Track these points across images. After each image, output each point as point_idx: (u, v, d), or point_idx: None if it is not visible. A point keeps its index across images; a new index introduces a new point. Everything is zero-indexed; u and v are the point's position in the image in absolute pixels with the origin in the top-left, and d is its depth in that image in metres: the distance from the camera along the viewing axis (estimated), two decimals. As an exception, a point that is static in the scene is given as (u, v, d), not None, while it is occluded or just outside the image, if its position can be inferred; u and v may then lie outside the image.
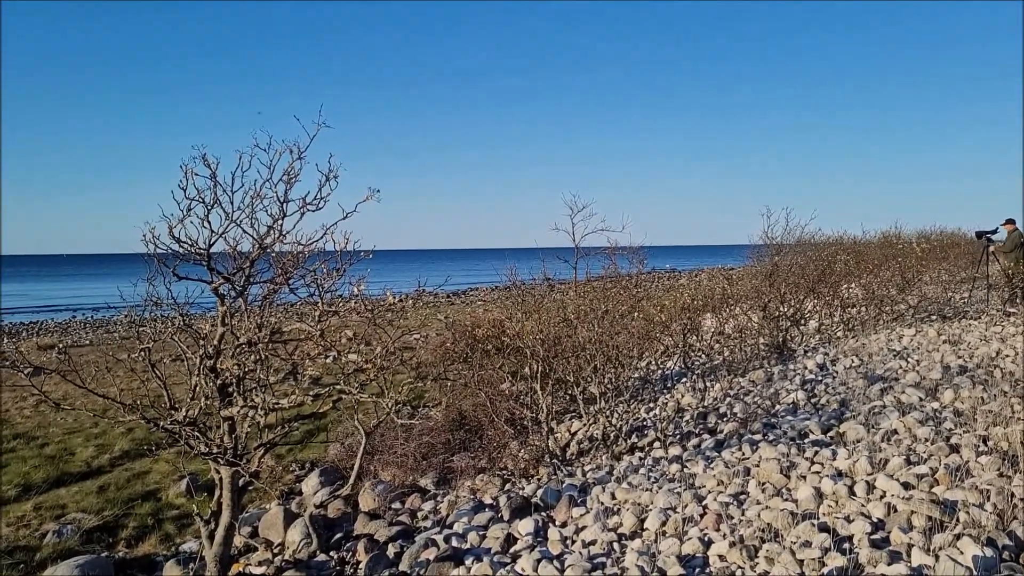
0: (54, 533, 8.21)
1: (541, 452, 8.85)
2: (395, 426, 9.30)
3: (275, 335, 5.59)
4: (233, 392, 5.72)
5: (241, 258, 5.63)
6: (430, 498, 8.43)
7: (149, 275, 5.59)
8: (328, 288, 5.53)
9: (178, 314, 5.67)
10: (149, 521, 8.70)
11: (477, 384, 9.86)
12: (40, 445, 11.89)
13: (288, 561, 6.83)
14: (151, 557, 7.80)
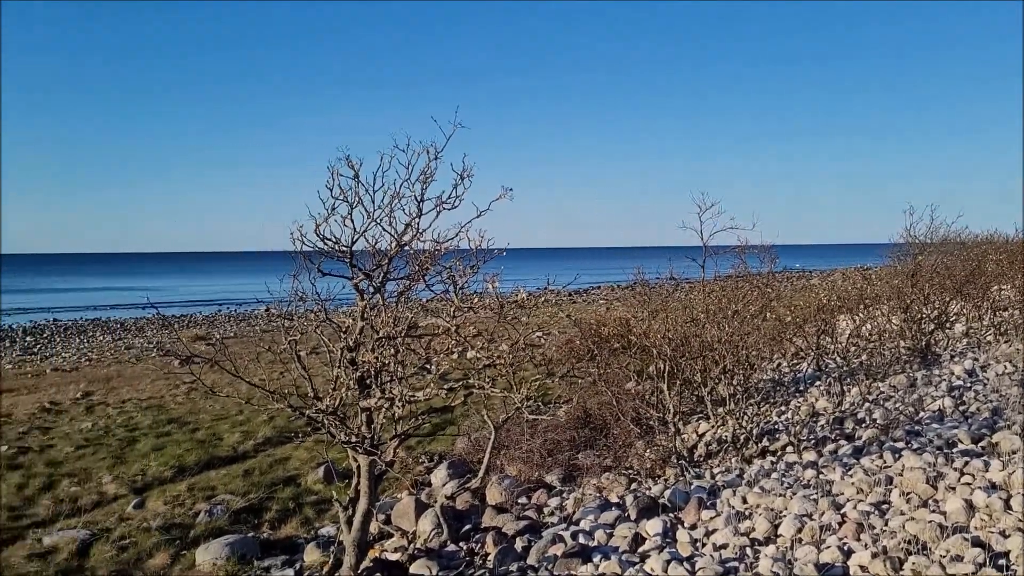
0: (206, 513, 8.78)
1: (668, 453, 8.75)
2: (521, 422, 9.42)
3: (411, 330, 5.78)
4: (371, 384, 5.95)
5: (380, 255, 5.86)
6: (556, 494, 8.50)
7: (295, 271, 5.90)
8: (462, 285, 5.68)
9: (321, 308, 5.95)
10: (290, 505, 9.16)
11: (605, 383, 9.85)
12: (192, 430, 12.73)
13: (420, 549, 7.05)
14: (293, 539, 8.22)
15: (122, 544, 8.03)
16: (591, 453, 9.34)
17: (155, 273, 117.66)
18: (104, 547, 7.96)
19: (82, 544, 8.00)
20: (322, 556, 7.35)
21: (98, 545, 8.03)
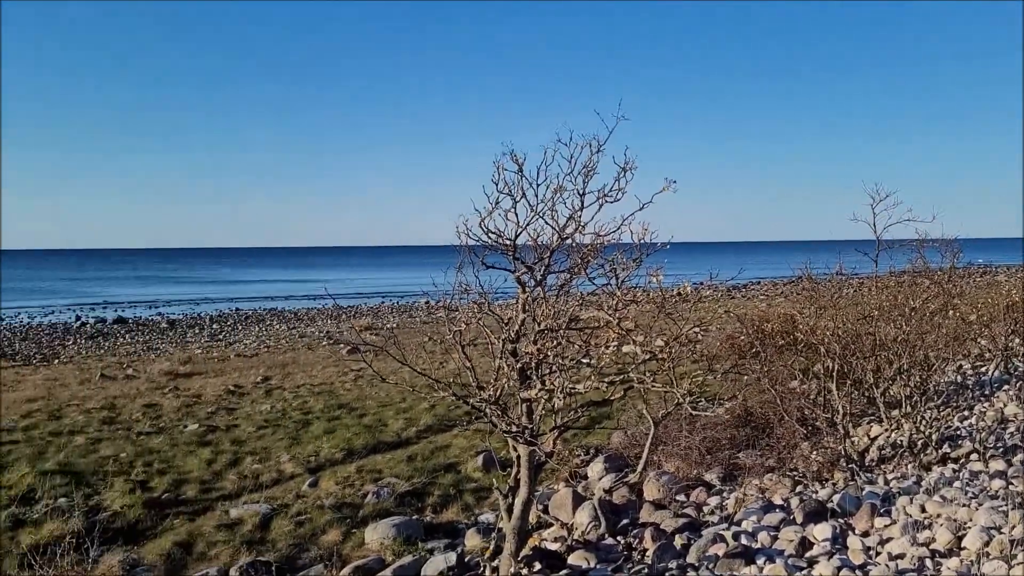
0: (373, 494, 9.22)
1: (836, 456, 8.36)
2: (679, 418, 9.28)
3: (572, 322, 5.82)
4: (531, 375, 6.04)
5: (541, 249, 5.93)
6: (715, 493, 8.32)
7: (459, 263, 6.08)
8: (624, 277, 5.66)
9: (484, 300, 6.11)
10: (451, 491, 9.46)
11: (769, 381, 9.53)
12: (359, 415, 13.39)
13: (578, 541, 7.09)
14: (454, 524, 8.49)
15: (299, 520, 8.57)
16: (753, 453, 9.07)
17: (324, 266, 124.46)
18: (283, 522, 8.53)
19: (264, 518, 8.61)
20: (482, 542, 7.55)
21: (278, 519, 8.61)
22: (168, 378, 17.69)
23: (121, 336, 29.63)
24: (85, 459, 10.88)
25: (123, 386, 16.81)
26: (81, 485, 9.75)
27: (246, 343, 26.28)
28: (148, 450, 11.36)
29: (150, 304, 49.00)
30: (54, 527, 8.25)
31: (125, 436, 12.18)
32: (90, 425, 12.86)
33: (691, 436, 9.23)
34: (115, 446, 11.55)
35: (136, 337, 29.13)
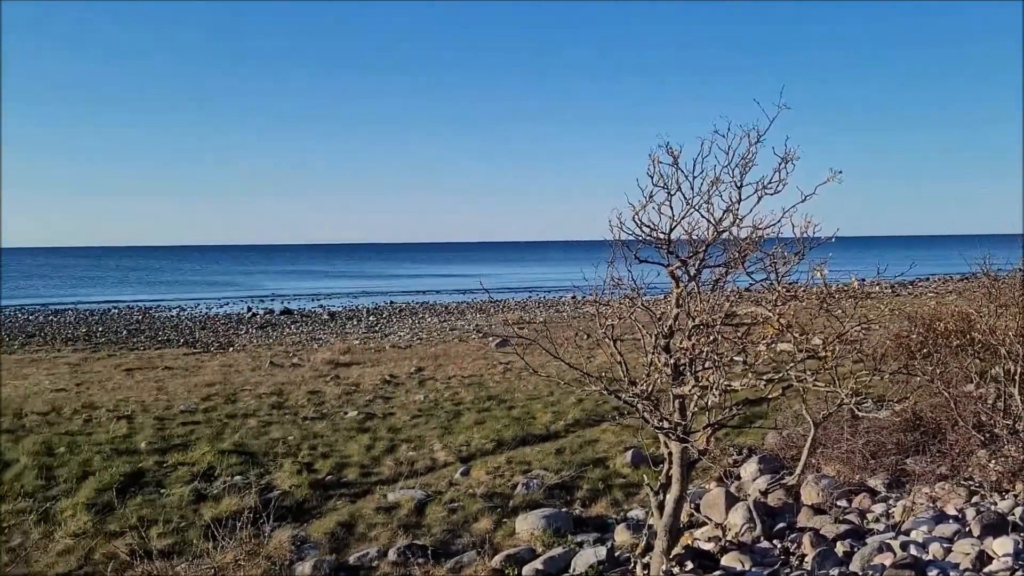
0: (523, 485, 9.36)
1: (1018, 465, 7.72)
2: (840, 420, 8.86)
3: (728, 318, 5.68)
4: (685, 372, 5.95)
5: (696, 242, 5.82)
6: (881, 500, 7.88)
7: (611, 258, 6.06)
8: (785, 272, 5.46)
9: (636, 294, 6.06)
10: (599, 485, 9.46)
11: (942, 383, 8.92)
12: (508, 407, 13.62)
13: (732, 542, 6.92)
14: (603, 518, 8.49)
15: (452, 507, 8.83)
16: (922, 459, 8.52)
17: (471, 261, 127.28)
18: (437, 508, 8.82)
19: (419, 503, 8.93)
20: (632, 538, 7.51)
21: (432, 505, 8.91)
22: (329, 367, 18.65)
23: (287, 326, 31.51)
24: (257, 440, 11.66)
25: (290, 373, 17.87)
26: (254, 465, 10.46)
27: (400, 335, 27.30)
28: (313, 434, 12.03)
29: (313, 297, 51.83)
30: (231, 502, 8.90)
31: (292, 420, 12.95)
32: (261, 409, 13.76)
33: (853, 439, 8.78)
34: (283, 429, 12.30)
35: (300, 328, 30.89)
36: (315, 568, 7.26)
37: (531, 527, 7.97)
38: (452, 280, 70.85)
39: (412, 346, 23.65)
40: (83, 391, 15.75)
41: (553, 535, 7.79)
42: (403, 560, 7.40)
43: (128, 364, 20.21)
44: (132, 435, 11.85)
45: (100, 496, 9.20)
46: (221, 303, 46.87)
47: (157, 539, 8.00)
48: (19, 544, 8.08)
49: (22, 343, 26.33)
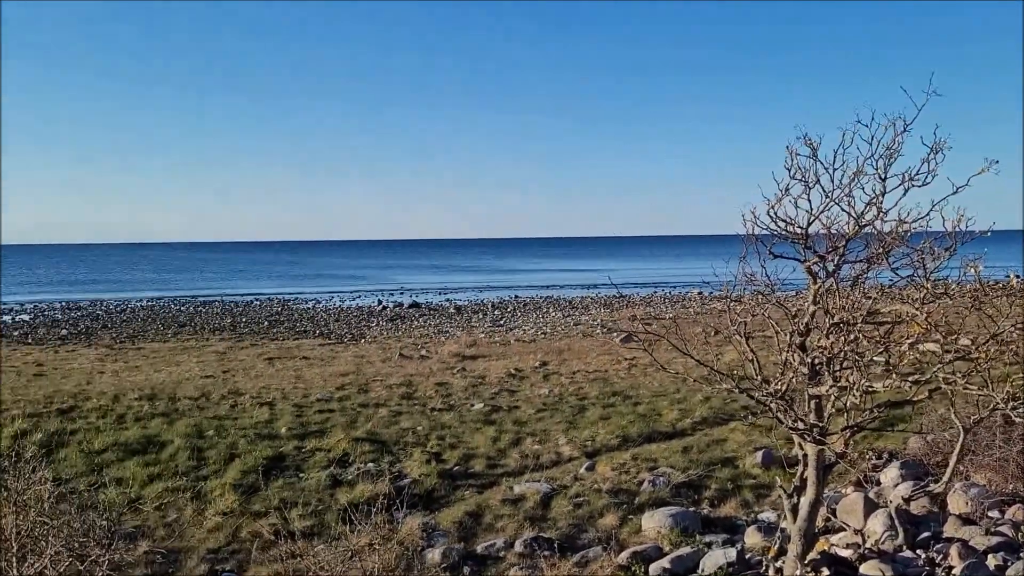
0: (649, 482, 9.27)
1: None
2: (992, 425, 8.30)
3: (870, 316, 5.43)
4: (822, 371, 5.73)
5: (836, 237, 5.59)
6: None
7: (743, 253, 5.90)
8: (934, 269, 5.17)
9: (770, 291, 5.89)
10: (728, 486, 9.25)
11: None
12: (634, 404, 13.51)
13: (871, 550, 6.62)
14: (732, 519, 8.30)
15: (577, 501, 8.85)
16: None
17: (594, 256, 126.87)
18: (562, 501, 8.86)
19: (544, 496, 9.00)
20: (764, 540, 7.31)
21: (557, 499, 8.96)
22: (456, 359, 19.05)
23: (415, 319, 32.37)
24: (388, 430, 12.05)
25: (418, 365, 18.37)
26: (386, 453, 10.83)
27: (524, 329, 27.54)
28: (441, 425, 12.33)
29: (440, 291, 53.04)
30: (365, 488, 9.24)
31: (421, 411, 13.31)
32: (391, 399, 14.21)
33: (1007, 447, 8.22)
34: (413, 419, 12.66)
35: (428, 321, 31.67)
36: (444, 556, 7.45)
37: (658, 525, 7.89)
38: (576, 275, 70.86)
39: (536, 340, 23.81)
40: (229, 378, 16.73)
41: (680, 534, 7.68)
42: (529, 552, 7.49)
43: (269, 353, 21.30)
44: (273, 421, 12.49)
45: (245, 478, 9.76)
46: (353, 296, 48.66)
47: (297, 520, 8.42)
48: (174, 520, 8.68)
49: (175, 332, 28.21)
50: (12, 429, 11.44)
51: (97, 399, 13.70)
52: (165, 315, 35.43)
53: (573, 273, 75.19)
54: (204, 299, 46.63)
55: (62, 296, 51.04)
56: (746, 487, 9.24)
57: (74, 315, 36.12)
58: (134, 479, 9.77)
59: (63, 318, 34.49)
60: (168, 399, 13.93)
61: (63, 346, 24.10)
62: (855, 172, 5.33)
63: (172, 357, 20.78)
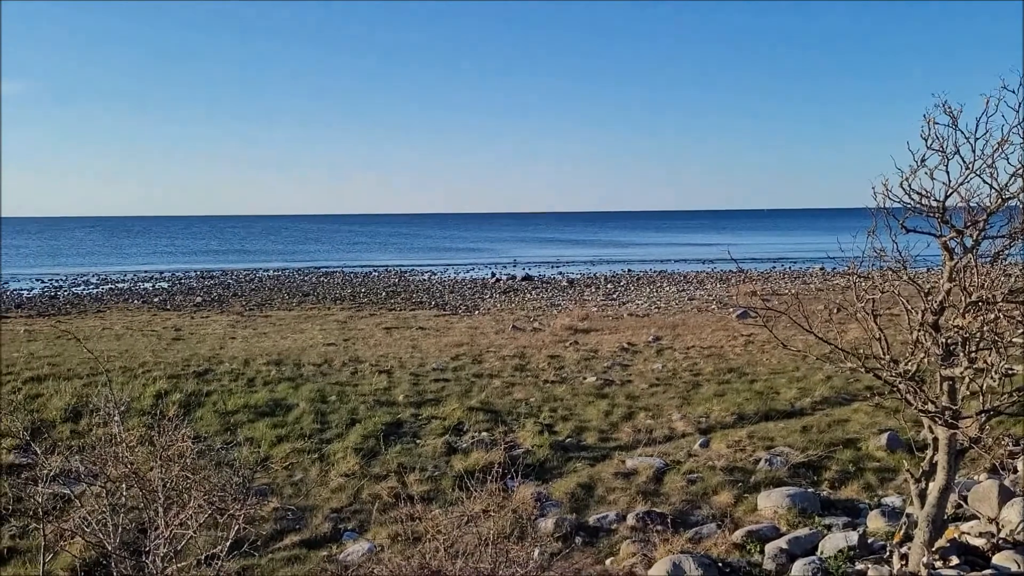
0: (765, 461, 9.08)
1: None
2: None
3: (1012, 294, 5.10)
4: (957, 352, 5.44)
5: (975, 211, 5.27)
6: None
7: (872, 227, 5.65)
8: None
9: (901, 267, 5.61)
10: (850, 467, 8.95)
11: None
12: (750, 381, 13.20)
13: (1005, 540, 6.28)
14: (854, 502, 8.04)
15: (690, 477, 8.77)
16: None
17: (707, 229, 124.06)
18: (675, 477, 8.80)
19: (657, 471, 8.96)
20: (887, 525, 7.05)
21: (670, 474, 8.90)
22: (568, 332, 19.09)
23: (528, 292, 32.60)
24: (501, 400, 12.25)
25: (531, 337, 18.53)
26: (499, 423, 11.02)
27: (638, 303, 27.29)
28: (553, 397, 12.42)
29: (552, 264, 53.15)
30: (479, 456, 9.46)
31: (533, 383, 13.44)
32: (504, 370, 14.40)
33: None
34: (525, 391, 12.81)
35: (540, 293, 31.83)
36: (557, 525, 7.55)
37: (774, 505, 7.73)
38: (691, 249, 69.49)
39: (649, 315, 23.57)
40: (349, 346, 17.36)
41: (798, 515, 7.50)
42: (642, 526, 7.49)
43: (387, 323, 21.96)
44: (391, 388, 12.90)
45: (365, 442, 10.15)
46: (467, 268, 49.42)
47: (415, 484, 8.72)
48: (300, 479, 9.14)
49: (299, 301, 29.45)
50: (154, 389, 12.27)
51: (229, 363, 14.49)
52: (290, 285, 37.02)
53: (688, 247, 73.77)
54: (326, 270, 48.43)
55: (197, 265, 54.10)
56: (869, 470, 8.92)
57: (207, 283, 38.25)
58: (263, 440, 10.32)
59: (198, 286, 36.57)
60: (293, 365, 14.59)
61: (198, 312, 25.59)
62: (1000, 141, 4.99)
63: (296, 325, 21.72)
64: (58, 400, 11.57)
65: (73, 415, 11.13)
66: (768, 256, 55.00)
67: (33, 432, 10.11)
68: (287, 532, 7.88)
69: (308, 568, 7.00)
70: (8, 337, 18.97)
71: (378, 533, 7.72)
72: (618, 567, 6.86)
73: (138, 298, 31.14)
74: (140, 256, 68.83)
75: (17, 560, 7.24)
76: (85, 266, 54.39)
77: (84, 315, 25.37)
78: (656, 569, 6.48)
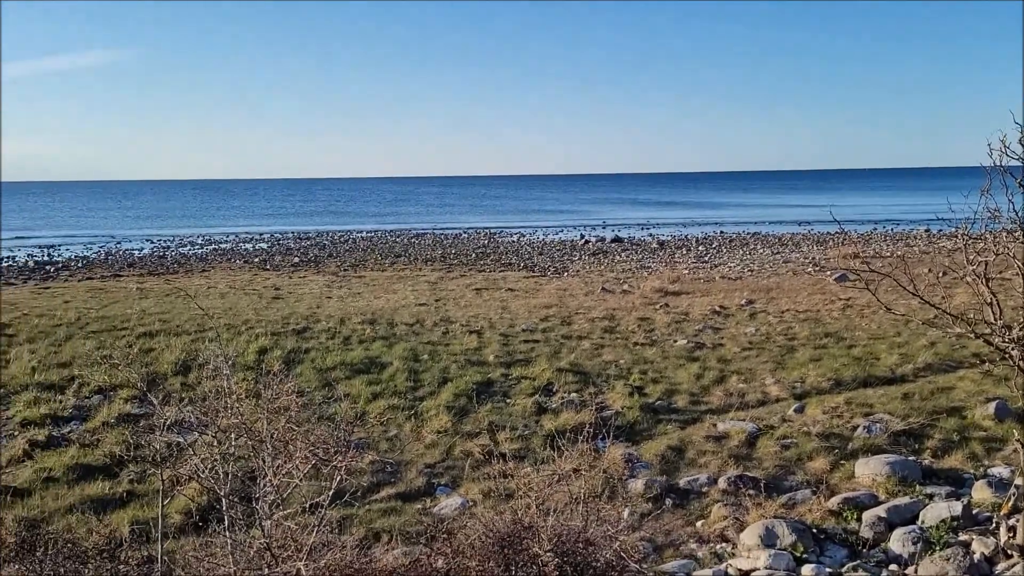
0: (863, 428, 8.84)
1: None
2: None
3: None
4: (1076, 318, 5.15)
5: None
6: None
7: (986, 186, 5.38)
8: None
9: (1018, 228, 5.33)
10: (954, 437, 8.63)
11: None
12: (848, 346, 12.82)
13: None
14: (958, 472, 7.77)
15: (784, 443, 8.63)
16: None
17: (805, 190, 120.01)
18: (768, 442, 8.67)
19: (750, 436, 8.85)
20: (994, 496, 6.79)
21: (763, 439, 8.78)
22: (659, 295, 18.90)
23: (617, 254, 32.35)
24: (591, 362, 12.27)
25: (620, 300, 18.43)
26: (588, 384, 11.06)
27: (730, 266, 26.75)
28: (643, 359, 12.37)
29: (642, 226, 52.50)
30: (569, 417, 9.53)
31: (623, 345, 13.40)
32: (594, 332, 14.40)
33: None
34: (615, 353, 12.79)
35: (630, 255, 31.55)
36: (647, 486, 7.57)
37: (873, 472, 7.54)
38: (786, 211, 67.42)
39: (742, 277, 23.08)
40: (440, 306, 17.65)
41: (898, 483, 7.30)
42: (733, 489, 7.44)
43: (476, 284, 22.21)
44: (481, 348, 13.08)
45: (457, 400, 10.35)
46: (556, 230, 49.33)
47: (505, 443, 8.87)
48: (395, 435, 9.42)
49: (391, 262, 30.05)
50: (256, 345, 12.79)
51: (326, 322, 14.96)
52: (382, 246, 37.77)
53: (784, 208, 71.60)
54: (417, 231, 49.17)
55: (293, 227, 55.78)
56: (975, 439, 8.58)
57: (304, 244, 39.41)
58: (359, 396, 10.65)
59: (295, 247, 37.72)
60: (387, 324, 14.95)
61: (295, 272, 26.43)
62: None
63: (389, 285, 22.21)
64: (169, 354, 12.21)
65: (183, 369, 11.73)
66: (869, 217, 52.88)
67: (148, 384, 10.72)
68: (383, 485, 8.15)
69: (404, 520, 7.24)
70: (122, 294, 20.07)
71: (470, 489, 7.90)
72: (709, 530, 6.85)
73: (240, 258, 32.37)
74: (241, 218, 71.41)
75: (136, 503, 7.73)
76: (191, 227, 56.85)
77: (191, 274, 26.55)
78: (748, 533, 6.44)
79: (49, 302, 18.59)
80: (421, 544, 5.91)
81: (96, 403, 10.50)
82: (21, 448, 8.97)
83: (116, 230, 54.73)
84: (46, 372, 11.53)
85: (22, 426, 9.68)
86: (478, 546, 4.75)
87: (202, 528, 5.57)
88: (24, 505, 7.72)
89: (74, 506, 7.66)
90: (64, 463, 8.53)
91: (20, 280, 25.59)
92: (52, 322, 15.04)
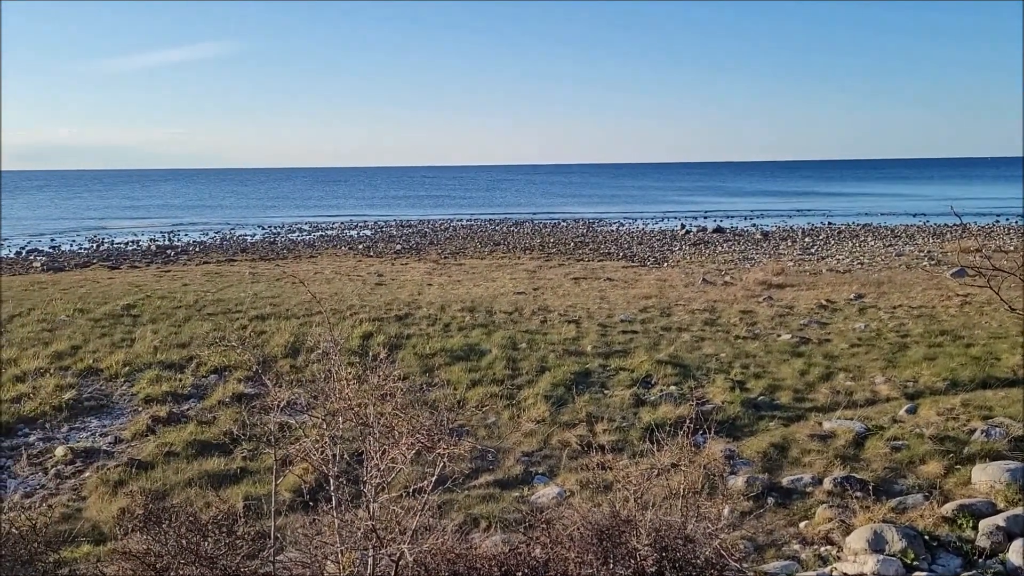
0: (982, 432, 8.40)
1: None
2: None
3: None
4: None
5: None
6: None
7: None
8: None
9: None
10: (1083, 445, 8.10)
11: None
12: (965, 345, 12.19)
13: None
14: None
15: (894, 444, 8.29)
16: None
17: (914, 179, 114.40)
18: (878, 443, 8.35)
19: (857, 436, 8.54)
20: None
21: (872, 440, 8.46)
22: (762, 287, 18.42)
23: (719, 244, 31.72)
24: (690, 354, 12.09)
25: (721, 291, 18.07)
26: (688, 377, 10.91)
27: (838, 258, 25.83)
28: (744, 353, 12.10)
29: (746, 216, 51.25)
30: (668, 410, 9.43)
31: (724, 338, 13.15)
32: (694, 324, 14.18)
33: None
34: (715, 346, 12.56)
35: (732, 246, 30.88)
36: (748, 484, 7.42)
37: (991, 479, 7.16)
38: (900, 201, 64.51)
39: (851, 271, 22.24)
40: (538, 295, 17.73)
41: (1019, 492, 6.91)
42: (839, 491, 7.20)
43: (575, 273, 22.18)
44: (579, 338, 13.07)
45: (555, 390, 10.39)
46: (656, 219, 48.73)
47: (603, 434, 8.85)
48: (493, 422, 9.53)
49: (490, 250, 30.35)
50: (361, 330, 13.17)
51: (427, 308, 15.26)
52: (482, 234, 38.18)
53: (897, 199, 68.50)
54: (516, 219, 49.44)
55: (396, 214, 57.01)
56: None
57: (406, 232, 40.27)
58: (459, 383, 10.83)
59: (397, 234, 38.60)
60: (486, 312, 15.13)
61: (398, 259, 27.05)
62: None
63: (488, 273, 22.44)
64: (279, 337, 12.71)
65: (292, 352, 12.19)
66: (992, 210, 49.98)
67: (261, 366, 11.19)
68: (481, 471, 8.28)
69: (502, 506, 7.33)
70: (235, 278, 21.00)
71: (567, 479, 7.93)
72: (813, 531, 6.66)
73: (345, 244, 33.36)
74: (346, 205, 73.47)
75: (248, 479, 8.11)
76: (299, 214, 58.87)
77: (299, 259, 27.56)
78: (855, 537, 6.24)
79: (170, 284, 19.65)
80: (519, 532, 5.97)
81: (212, 382, 11.04)
82: (145, 423, 9.53)
83: (231, 216, 57.23)
84: (167, 352, 12.19)
85: (145, 402, 10.28)
86: (576, 537, 4.77)
87: (310, 507, 5.79)
88: (148, 477, 8.21)
89: (192, 480, 8.09)
90: (183, 439, 9.01)
91: (144, 263, 27.13)
92: (172, 304, 15.90)
